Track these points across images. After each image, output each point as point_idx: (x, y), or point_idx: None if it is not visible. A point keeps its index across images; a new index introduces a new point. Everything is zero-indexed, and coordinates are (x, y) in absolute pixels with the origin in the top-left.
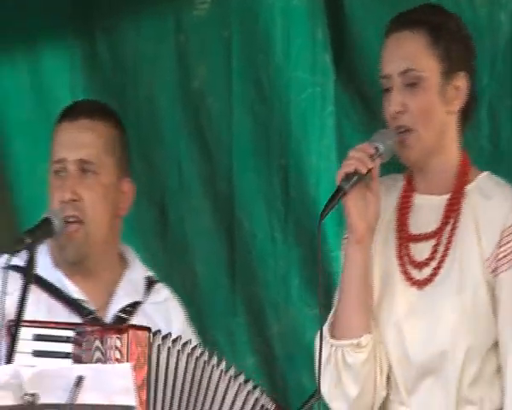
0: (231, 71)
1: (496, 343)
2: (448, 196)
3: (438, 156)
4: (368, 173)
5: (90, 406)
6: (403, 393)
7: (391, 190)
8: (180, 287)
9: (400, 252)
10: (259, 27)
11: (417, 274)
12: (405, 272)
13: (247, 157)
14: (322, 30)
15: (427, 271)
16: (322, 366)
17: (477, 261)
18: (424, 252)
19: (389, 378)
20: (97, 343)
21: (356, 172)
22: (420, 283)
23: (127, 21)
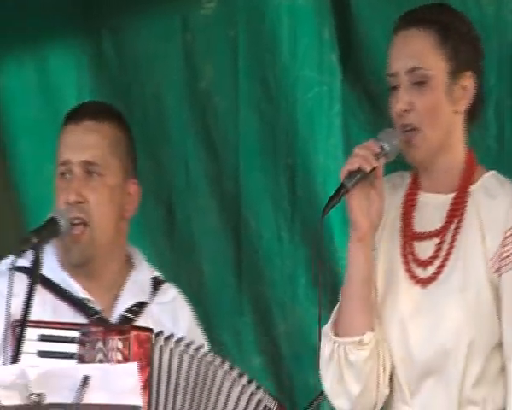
0: (238, 70)
1: (500, 343)
2: (453, 195)
3: (444, 156)
4: (372, 172)
5: (97, 405)
6: (406, 393)
7: (397, 188)
8: (187, 286)
9: (404, 250)
10: (266, 27)
11: (421, 272)
12: (409, 271)
13: (254, 156)
14: (328, 29)
15: (430, 269)
16: (324, 363)
17: (481, 261)
18: (428, 250)
19: (392, 377)
20: (100, 344)
21: (359, 169)
22: (424, 281)
23: (134, 20)
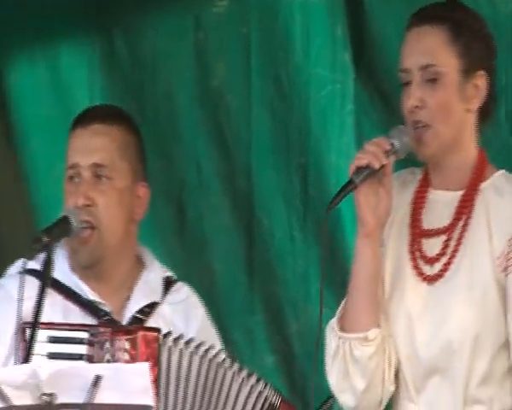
0: (250, 68)
1: (506, 343)
2: (462, 192)
3: (455, 153)
4: (381, 169)
5: (109, 405)
6: (411, 390)
7: (408, 185)
8: (198, 285)
9: (412, 247)
10: (279, 25)
11: (428, 270)
12: (416, 267)
13: (266, 155)
14: (341, 28)
15: (437, 266)
16: (330, 359)
17: (488, 259)
18: (436, 247)
19: (398, 374)
20: (107, 345)
21: (368, 166)
22: (430, 278)
23: (146, 19)
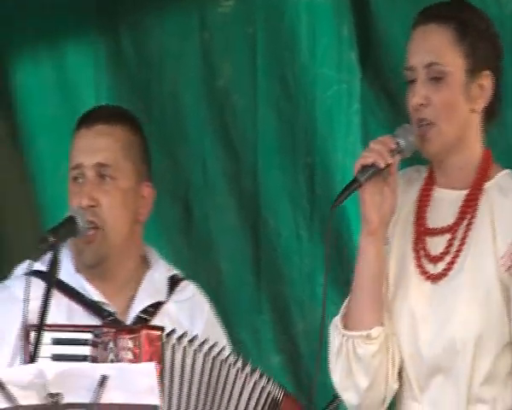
0: (256, 68)
1: (510, 343)
2: (466, 192)
3: (459, 153)
4: (386, 168)
5: (115, 405)
6: (415, 389)
7: (413, 183)
8: (205, 284)
9: (416, 245)
10: (284, 25)
11: (432, 268)
12: (420, 266)
13: (273, 154)
14: (347, 27)
15: (441, 265)
16: (333, 357)
17: (491, 259)
18: (440, 246)
19: (402, 373)
20: (111, 345)
21: (373, 165)
22: (434, 277)
23: (152, 18)
